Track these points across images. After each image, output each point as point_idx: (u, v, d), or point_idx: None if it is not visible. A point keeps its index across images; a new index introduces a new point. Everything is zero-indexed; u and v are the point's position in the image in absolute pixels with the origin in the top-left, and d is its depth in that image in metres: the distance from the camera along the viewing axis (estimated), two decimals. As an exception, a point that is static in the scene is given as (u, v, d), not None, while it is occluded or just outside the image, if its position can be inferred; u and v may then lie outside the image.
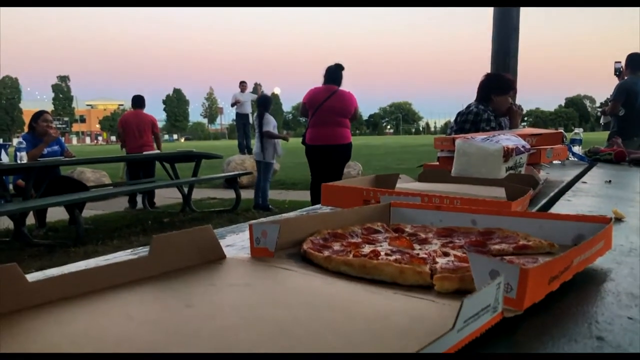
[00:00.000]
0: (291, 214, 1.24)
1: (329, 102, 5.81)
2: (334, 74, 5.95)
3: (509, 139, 1.90)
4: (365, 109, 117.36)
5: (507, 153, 1.78)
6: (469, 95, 3.91)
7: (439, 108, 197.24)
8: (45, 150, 5.82)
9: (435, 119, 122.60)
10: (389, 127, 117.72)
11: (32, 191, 5.32)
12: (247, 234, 0.98)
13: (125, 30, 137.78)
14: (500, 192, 1.34)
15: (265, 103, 7.17)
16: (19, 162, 5.17)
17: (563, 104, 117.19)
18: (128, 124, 7.85)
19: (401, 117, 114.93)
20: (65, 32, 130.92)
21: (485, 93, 3.65)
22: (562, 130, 2.80)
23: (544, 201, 1.48)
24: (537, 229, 0.87)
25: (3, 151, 5.21)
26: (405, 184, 1.85)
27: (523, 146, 1.89)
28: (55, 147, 6.00)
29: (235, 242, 0.94)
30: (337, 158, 6.02)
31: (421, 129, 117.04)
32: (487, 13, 5.36)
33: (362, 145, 30.76)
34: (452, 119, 3.96)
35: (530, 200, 1.38)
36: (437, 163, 2.33)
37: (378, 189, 1.21)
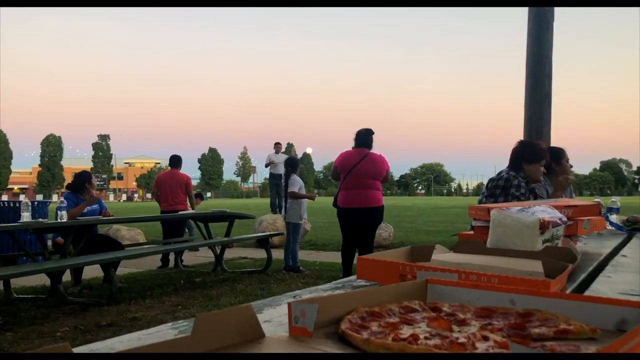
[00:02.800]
0: (326, 287, 1.25)
1: (360, 165, 5.87)
2: (365, 137, 6.04)
3: (544, 211, 1.89)
4: (397, 170, 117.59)
5: (544, 225, 1.77)
6: (501, 158, 3.92)
7: (471, 169, 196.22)
8: (86, 209, 5.98)
9: (467, 181, 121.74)
10: (420, 187, 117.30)
11: (71, 248, 5.45)
12: (283, 307, 0.99)
13: (165, 92, 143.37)
14: (537, 267, 1.33)
15: (293, 164, 7.29)
16: (59, 220, 5.31)
17: (598, 167, 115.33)
18: (162, 184, 8.07)
19: (432, 178, 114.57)
20: (107, 93, 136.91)
21: (516, 161, 3.65)
22: (600, 201, 2.76)
23: (582, 277, 1.45)
24: (577, 312, 0.86)
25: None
26: (441, 254, 1.83)
27: (559, 218, 1.87)
28: (95, 207, 6.17)
29: (273, 317, 0.95)
30: (369, 221, 6.01)
31: (453, 190, 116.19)
32: (519, 78, 5.43)
33: (392, 205, 30.66)
34: (485, 182, 3.96)
35: (568, 276, 1.36)
36: (472, 232, 2.31)
37: (414, 263, 1.22)
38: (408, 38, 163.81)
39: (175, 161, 8.31)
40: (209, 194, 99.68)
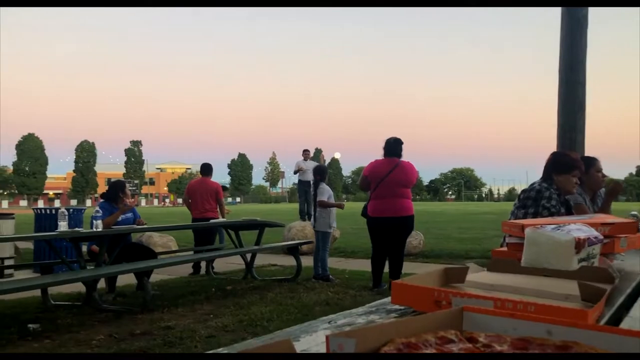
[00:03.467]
0: (360, 311, 1.26)
1: (392, 175, 5.88)
2: (394, 146, 6.06)
3: (580, 229, 1.86)
4: (426, 174, 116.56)
5: (579, 244, 1.75)
6: (534, 163, 3.87)
7: (503, 174, 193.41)
8: (120, 218, 6.12)
9: (499, 186, 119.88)
10: (450, 193, 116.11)
11: (105, 255, 5.58)
12: (320, 335, 1.00)
13: (195, 98, 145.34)
14: (573, 289, 1.32)
15: (322, 172, 7.31)
16: (94, 229, 5.44)
17: (634, 172, 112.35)
18: (193, 191, 8.21)
19: (463, 183, 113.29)
20: (139, 99, 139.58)
21: (548, 172, 3.61)
22: (637, 214, 2.71)
23: (620, 300, 1.43)
24: (617, 345, 0.85)
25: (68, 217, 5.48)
26: (475, 275, 1.82)
27: (595, 237, 1.84)
28: (129, 215, 6.31)
29: (310, 346, 0.96)
30: (400, 230, 6.01)
31: (484, 195, 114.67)
32: (553, 85, 5.35)
33: (422, 211, 30.41)
34: (516, 187, 3.93)
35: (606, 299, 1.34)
36: (505, 249, 2.30)
37: (449, 287, 1.22)
38: (439, 41, 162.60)
39: (206, 169, 8.46)
40: (238, 199, 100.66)
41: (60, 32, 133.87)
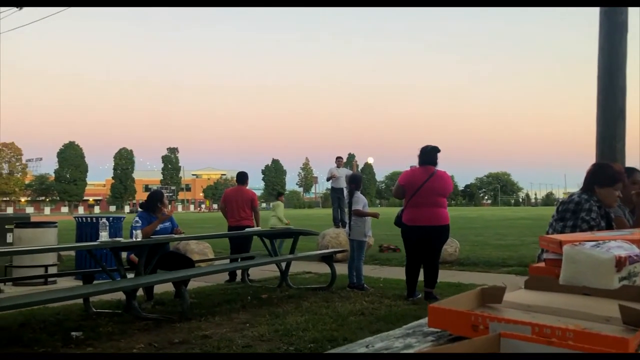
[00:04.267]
0: (397, 333, 1.27)
1: (428, 183, 5.86)
2: (431, 155, 6.03)
3: (620, 246, 1.83)
4: (461, 179, 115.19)
5: (620, 262, 1.72)
6: (572, 167, 3.82)
7: (540, 179, 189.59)
8: (158, 227, 6.26)
9: (536, 190, 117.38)
10: (486, 197, 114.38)
11: (144, 265, 5.71)
12: (358, 359, 1.03)
13: (230, 104, 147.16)
14: (614, 310, 1.30)
15: (356, 181, 7.31)
16: (134, 239, 5.58)
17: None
18: (229, 200, 8.34)
19: (499, 187, 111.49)
20: (176, 107, 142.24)
21: (589, 184, 3.53)
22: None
23: (664, 322, 1.41)
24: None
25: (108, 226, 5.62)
26: (512, 294, 1.81)
27: (637, 255, 1.81)
28: (167, 224, 6.46)
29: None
30: (436, 239, 5.98)
31: (520, 200, 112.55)
32: (591, 93, 5.24)
33: (457, 217, 30.07)
34: (554, 191, 3.87)
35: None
36: (543, 265, 2.27)
37: (486, 314, 1.22)
38: (474, 46, 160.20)
39: (242, 178, 8.59)
40: (271, 204, 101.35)
41: (100, 44, 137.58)
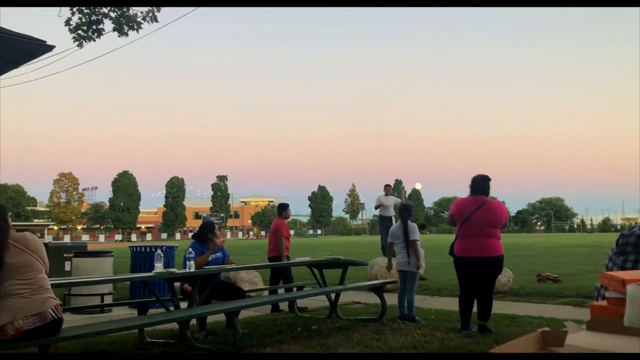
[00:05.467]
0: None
1: (478, 214, 5.75)
2: (481, 184, 5.93)
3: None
4: (513, 205, 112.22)
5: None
6: (630, 192, 3.65)
7: (595, 204, 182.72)
8: (210, 257, 6.38)
9: (591, 216, 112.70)
10: (539, 224, 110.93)
11: (197, 295, 5.81)
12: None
13: (277, 133, 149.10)
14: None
15: (408, 209, 7.23)
16: (187, 269, 5.70)
17: None
18: (270, 230, 8.62)
19: (552, 213, 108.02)
20: (224, 136, 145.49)
21: None
22: None
23: None
24: None
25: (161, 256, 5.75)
26: (575, 336, 1.74)
27: None
28: (219, 254, 6.60)
29: None
30: (488, 271, 5.83)
31: (575, 226, 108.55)
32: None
33: (510, 244, 29.24)
34: (611, 217, 3.72)
35: None
36: (605, 304, 2.18)
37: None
38: (529, 66, 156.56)
39: (278, 209, 8.81)
40: (319, 231, 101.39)
41: (153, 74, 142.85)
